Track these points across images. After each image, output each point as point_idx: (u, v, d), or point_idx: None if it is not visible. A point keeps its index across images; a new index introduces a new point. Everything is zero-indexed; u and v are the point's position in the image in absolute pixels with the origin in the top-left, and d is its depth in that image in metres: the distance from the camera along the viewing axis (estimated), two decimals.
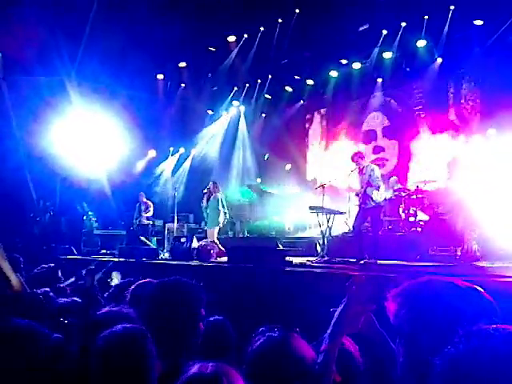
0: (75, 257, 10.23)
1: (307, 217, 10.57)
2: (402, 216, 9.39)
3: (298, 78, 14.21)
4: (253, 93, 15.07)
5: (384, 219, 9.25)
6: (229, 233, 12.92)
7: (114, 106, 12.66)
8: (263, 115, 16.02)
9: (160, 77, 14.00)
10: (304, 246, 9.37)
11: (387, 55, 12.24)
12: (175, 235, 11.08)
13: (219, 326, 2.66)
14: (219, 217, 10.04)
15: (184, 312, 2.05)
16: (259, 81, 14.67)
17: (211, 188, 10.35)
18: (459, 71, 11.66)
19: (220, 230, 10.45)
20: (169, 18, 9.87)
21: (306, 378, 1.66)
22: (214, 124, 15.82)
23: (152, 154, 15.02)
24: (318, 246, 8.22)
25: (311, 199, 10.87)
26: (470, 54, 10.83)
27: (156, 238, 12.44)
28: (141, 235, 11.60)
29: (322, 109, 15.10)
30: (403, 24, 11.19)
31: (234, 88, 14.90)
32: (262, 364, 1.72)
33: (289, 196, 13.71)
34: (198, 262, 8.01)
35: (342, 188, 11.96)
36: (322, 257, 7.44)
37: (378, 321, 1.76)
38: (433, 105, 12.07)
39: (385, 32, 11.62)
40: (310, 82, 14.32)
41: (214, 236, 9.94)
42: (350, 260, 7.10)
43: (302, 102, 15.24)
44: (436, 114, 11.96)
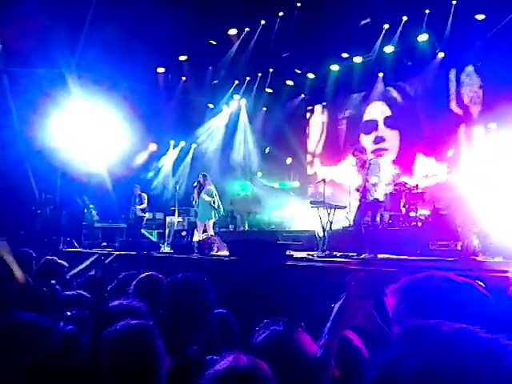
0: (76, 249, 10.27)
1: (308, 211, 10.57)
2: (403, 210, 9.39)
3: (298, 71, 14.15)
4: (254, 86, 15.03)
5: (384, 214, 9.25)
6: (229, 226, 12.94)
7: (114, 98, 12.62)
8: (264, 109, 15.98)
9: (161, 70, 13.95)
10: (304, 240, 9.38)
11: (388, 49, 12.20)
12: (176, 228, 11.10)
13: (223, 319, 2.66)
14: (211, 210, 9.87)
15: (199, 308, 2.06)
16: (260, 74, 14.63)
17: (201, 180, 10.16)
18: (460, 65, 11.63)
19: (215, 223, 10.31)
20: (170, 11, 9.82)
21: (306, 371, 1.68)
22: (215, 117, 15.79)
23: (153, 147, 14.99)
24: (318, 239, 8.23)
25: (312, 193, 10.86)
26: (472, 49, 10.80)
27: (157, 232, 12.47)
28: (135, 227, 11.62)
29: (322, 102, 15.06)
30: (404, 18, 11.17)
31: (235, 81, 14.84)
32: (264, 357, 1.73)
33: (289, 190, 13.70)
34: (199, 256, 8.03)
35: (343, 182, 11.96)
36: (323, 251, 7.45)
37: (378, 315, 1.78)
38: (433, 98, 12.03)
39: (386, 26, 11.59)
40: (311, 75, 14.28)
41: (210, 230, 9.88)
42: (350, 254, 7.12)
43: (302, 95, 15.21)
44: (437, 107, 11.93)
